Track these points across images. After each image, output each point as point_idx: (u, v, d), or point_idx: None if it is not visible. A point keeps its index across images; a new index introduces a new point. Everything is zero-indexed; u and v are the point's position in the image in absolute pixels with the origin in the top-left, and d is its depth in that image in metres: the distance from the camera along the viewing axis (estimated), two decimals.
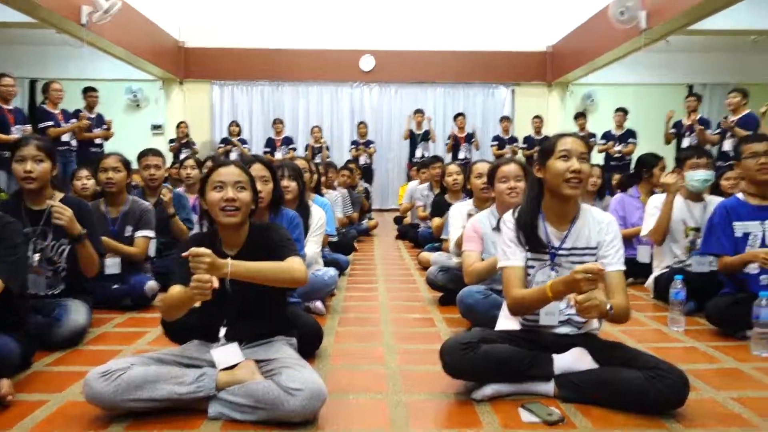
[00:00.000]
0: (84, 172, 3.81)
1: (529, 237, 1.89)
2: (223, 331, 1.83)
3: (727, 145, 6.05)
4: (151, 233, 3.17)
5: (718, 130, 6.38)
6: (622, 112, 7.82)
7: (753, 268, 2.54)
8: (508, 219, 1.96)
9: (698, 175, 3.06)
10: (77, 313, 2.41)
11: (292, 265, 1.79)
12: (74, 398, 1.82)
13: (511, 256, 1.90)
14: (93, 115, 7.02)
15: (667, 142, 7.09)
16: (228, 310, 1.83)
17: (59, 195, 2.52)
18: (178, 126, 8.78)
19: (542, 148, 1.92)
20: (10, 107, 5.63)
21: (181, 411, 1.67)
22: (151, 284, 3.02)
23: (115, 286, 3.02)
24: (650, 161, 3.99)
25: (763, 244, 2.55)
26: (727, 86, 10.16)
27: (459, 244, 2.86)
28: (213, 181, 1.83)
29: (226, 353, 1.77)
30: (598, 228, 1.90)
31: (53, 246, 2.51)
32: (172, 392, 1.64)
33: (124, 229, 3.13)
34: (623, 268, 1.89)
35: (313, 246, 3.03)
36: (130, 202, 3.17)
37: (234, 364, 1.74)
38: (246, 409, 1.63)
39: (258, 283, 1.74)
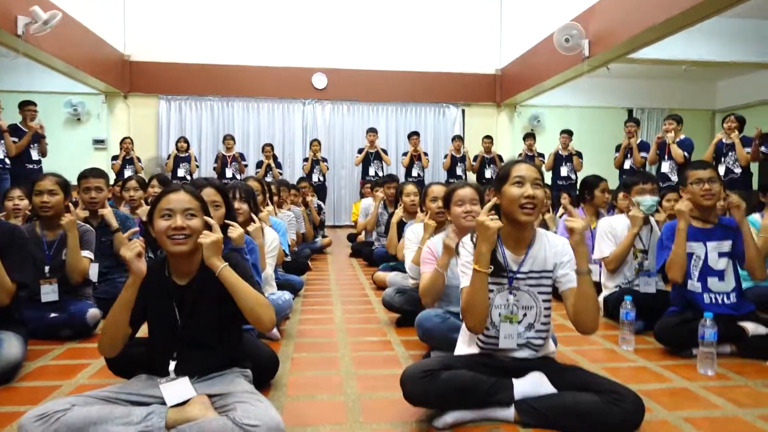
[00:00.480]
0: (17, 192, 3.55)
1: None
2: (172, 365, 1.73)
3: (666, 167, 6.38)
4: (90, 254, 2.99)
5: (644, 155, 6.80)
6: (567, 134, 8.12)
7: (697, 287, 2.65)
8: (467, 242, 1.96)
9: (646, 201, 3.18)
10: (9, 346, 2.23)
11: (267, 306, 1.74)
12: None
13: (468, 279, 1.90)
14: (26, 130, 6.64)
15: (618, 166, 7.36)
16: (178, 343, 1.74)
17: None
18: (122, 142, 8.44)
19: (498, 174, 1.94)
20: None
21: None
22: (93, 312, 2.85)
23: (53, 315, 2.83)
24: (593, 182, 4.13)
25: (705, 264, 2.66)
26: (663, 111, 10.84)
27: (416, 261, 2.88)
28: (161, 209, 1.73)
29: (176, 389, 1.67)
30: (554, 251, 1.94)
31: None
32: None
33: (61, 253, 2.95)
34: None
35: (267, 268, 2.96)
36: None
37: (185, 401, 1.64)
38: None
39: (234, 296, 1.70)
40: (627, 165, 7.06)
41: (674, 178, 6.22)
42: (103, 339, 1.73)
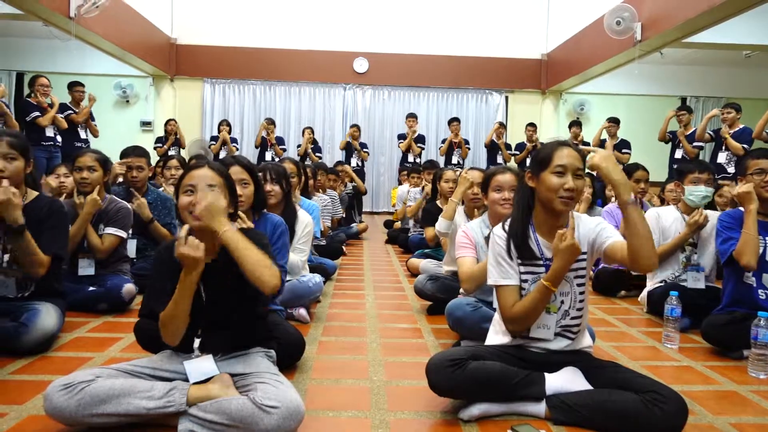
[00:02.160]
0: (62, 169, 3.65)
1: (520, 247, 1.81)
2: (197, 342, 1.72)
3: (722, 158, 6.04)
4: (120, 232, 3.03)
5: (710, 132, 6.41)
6: (614, 122, 7.80)
7: (751, 280, 2.47)
8: (499, 233, 1.87)
9: (698, 191, 2.99)
10: (47, 317, 2.28)
11: (270, 268, 1.65)
12: (36, 412, 1.70)
13: (504, 274, 1.82)
14: (75, 110, 6.86)
15: (661, 138, 7.09)
16: (203, 321, 1.72)
17: (33, 194, 2.39)
18: (166, 123, 8.62)
19: (537, 157, 1.82)
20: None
21: (148, 427, 1.57)
22: (129, 287, 2.90)
23: (91, 289, 2.90)
24: (628, 170, 3.94)
25: (763, 260, 2.48)
26: (719, 100, 10.29)
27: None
28: (184, 185, 1.72)
29: (200, 366, 1.66)
30: (586, 231, 1.83)
31: None
32: (140, 407, 1.53)
33: (97, 228, 3.00)
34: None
35: (298, 255, 2.92)
36: (107, 201, 3.04)
37: (208, 378, 1.64)
38: (218, 426, 1.52)
39: (236, 258, 1.63)
40: (678, 155, 6.72)
41: (731, 170, 5.88)
42: (165, 332, 1.68)
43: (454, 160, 8.55)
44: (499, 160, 8.66)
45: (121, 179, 3.65)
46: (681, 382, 2.13)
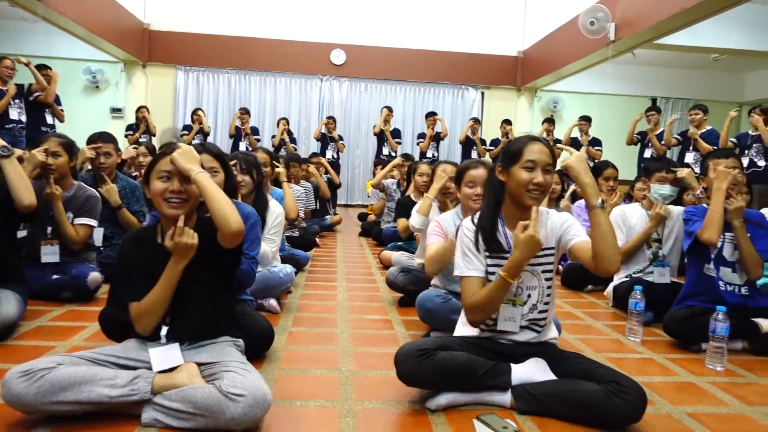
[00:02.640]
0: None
1: (488, 239, 1.83)
2: (164, 330, 1.69)
3: (690, 158, 6.20)
4: (92, 222, 2.97)
5: (677, 136, 6.57)
6: (586, 120, 7.91)
7: (711, 270, 2.55)
8: (467, 225, 1.89)
9: (664, 190, 3.08)
10: (7, 304, 2.23)
11: (234, 213, 1.64)
12: None
13: (469, 266, 1.84)
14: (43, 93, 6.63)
15: (629, 142, 7.23)
16: (170, 309, 1.70)
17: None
18: (137, 110, 8.42)
19: (508, 151, 1.84)
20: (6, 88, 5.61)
21: (111, 416, 1.54)
22: (94, 275, 2.84)
23: (55, 276, 2.83)
24: (597, 168, 4.02)
25: (720, 254, 2.56)
26: (688, 101, 10.54)
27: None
28: (158, 170, 1.69)
29: (165, 354, 1.64)
30: (553, 227, 1.87)
31: None
32: (102, 395, 1.50)
33: (66, 216, 2.92)
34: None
35: (268, 245, 2.89)
36: (75, 188, 2.96)
37: (173, 367, 1.61)
38: (183, 415, 1.50)
39: (205, 200, 1.63)
40: (648, 154, 6.87)
41: (698, 170, 6.03)
42: (141, 322, 1.69)
43: (429, 153, 8.58)
44: (474, 155, 8.72)
45: (89, 166, 3.56)
46: (642, 373, 2.19)
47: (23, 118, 6.17)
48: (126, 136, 8.22)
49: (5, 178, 2.25)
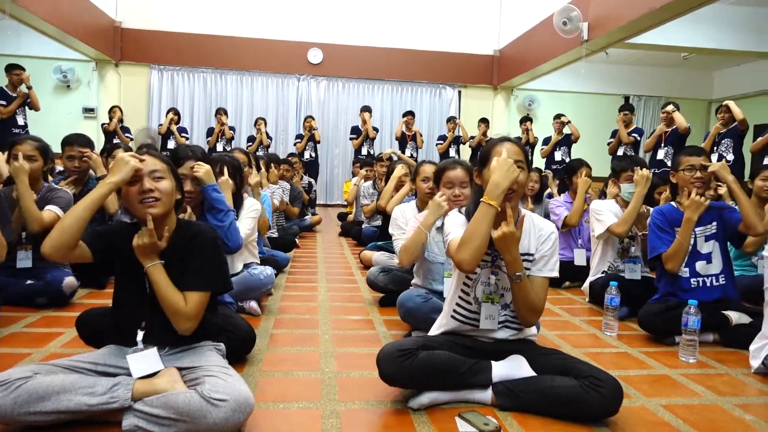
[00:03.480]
0: None
1: None
2: (140, 335, 1.68)
3: (661, 154, 6.34)
4: (58, 210, 2.82)
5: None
6: (560, 118, 7.99)
7: (683, 272, 2.63)
8: (454, 213, 1.93)
9: (632, 188, 3.14)
10: None
11: (185, 309, 1.66)
12: None
13: (458, 230, 1.83)
14: (14, 95, 6.48)
15: (611, 153, 7.29)
16: (147, 311, 1.68)
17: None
18: (110, 110, 8.27)
19: (480, 154, 1.87)
20: None
21: (92, 424, 1.52)
22: (69, 280, 2.79)
23: (29, 282, 2.77)
24: (573, 167, 4.07)
25: (694, 249, 2.64)
26: (660, 99, 10.78)
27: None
28: None
29: (144, 360, 1.62)
30: (538, 235, 1.89)
31: None
32: (81, 403, 1.48)
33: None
34: (552, 275, 1.88)
35: (245, 228, 2.82)
36: (45, 190, 2.90)
37: (153, 373, 1.60)
38: (165, 421, 1.49)
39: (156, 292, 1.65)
40: (621, 152, 6.99)
41: (670, 164, 6.18)
42: (52, 232, 1.62)
43: (408, 152, 8.60)
44: (452, 153, 8.78)
45: (60, 168, 3.49)
46: (618, 367, 2.24)
47: None
48: (103, 125, 8.13)
49: None
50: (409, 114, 8.74)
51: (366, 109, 8.69)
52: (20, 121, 6.48)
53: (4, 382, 1.45)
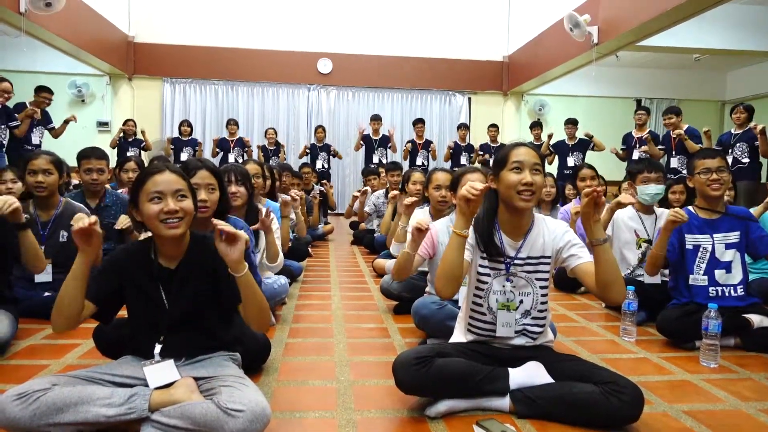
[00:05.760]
0: (9, 174, 3.44)
1: (486, 244, 1.85)
2: (158, 348, 1.68)
3: (675, 162, 6.28)
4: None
5: (662, 146, 6.61)
6: (572, 123, 7.96)
7: (701, 280, 2.59)
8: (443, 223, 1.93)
9: (649, 189, 3.12)
10: None
11: (268, 311, 1.73)
12: None
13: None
14: (38, 117, 6.54)
15: (623, 160, 7.23)
16: (164, 324, 1.69)
17: None
18: (125, 123, 8.37)
19: (496, 158, 1.88)
20: None
21: None
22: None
23: (47, 294, 2.80)
24: (575, 170, 4.08)
25: (712, 257, 2.59)
26: (672, 101, 10.69)
27: (399, 239, 2.95)
28: (148, 192, 1.65)
29: (160, 371, 1.62)
30: (553, 237, 1.88)
31: None
32: (99, 415, 1.48)
33: (58, 234, 2.91)
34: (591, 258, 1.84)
35: (280, 253, 2.94)
36: (63, 205, 2.93)
37: (169, 383, 1.60)
38: (182, 431, 1.49)
39: (245, 300, 1.66)
40: (636, 155, 6.93)
41: (685, 172, 6.11)
42: (54, 312, 1.64)
43: (419, 161, 8.61)
44: (463, 161, 8.77)
45: (76, 181, 3.53)
46: (638, 373, 2.21)
47: (4, 138, 6.10)
48: (111, 143, 8.20)
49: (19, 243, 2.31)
50: (419, 122, 8.75)
51: (376, 118, 8.72)
52: (35, 139, 6.54)
53: (23, 394, 1.46)
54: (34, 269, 2.43)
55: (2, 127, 5.98)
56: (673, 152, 6.32)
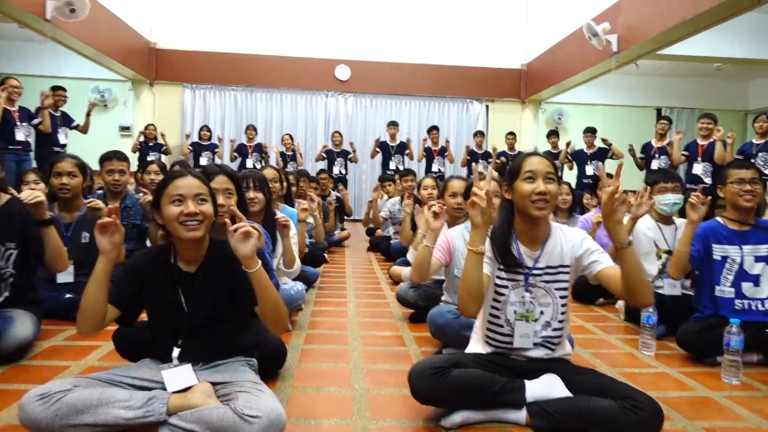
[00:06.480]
0: (32, 176, 3.49)
1: (504, 255, 1.84)
2: (176, 352, 1.70)
3: (698, 169, 6.19)
4: None
5: (685, 152, 6.53)
6: (591, 132, 7.89)
7: (728, 292, 2.54)
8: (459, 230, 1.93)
9: (667, 199, 3.08)
10: (22, 325, 2.24)
11: (285, 312, 1.73)
12: (10, 421, 1.66)
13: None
14: (57, 114, 6.72)
15: (640, 168, 7.16)
16: (183, 328, 1.71)
17: (5, 197, 2.35)
18: (146, 128, 8.51)
19: (509, 169, 1.87)
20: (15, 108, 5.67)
21: None
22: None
23: (68, 296, 2.85)
24: (595, 181, 4.03)
25: (741, 269, 2.54)
26: (693, 111, 10.54)
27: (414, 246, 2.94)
28: (170, 195, 1.68)
29: (178, 375, 1.64)
30: (571, 245, 1.86)
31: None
32: (118, 417, 1.51)
33: (80, 236, 2.96)
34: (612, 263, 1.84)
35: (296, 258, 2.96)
36: (85, 207, 2.99)
37: (188, 387, 1.62)
38: None
39: (260, 299, 1.66)
40: (655, 165, 6.84)
41: (708, 180, 6.05)
42: (79, 315, 1.67)
43: (435, 167, 8.60)
44: (480, 168, 8.73)
45: (100, 183, 3.60)
46: (657, 388, 2.17)
47: (30, 140, 6.24)
48: (132, 148, 8.32)
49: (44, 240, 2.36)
50: (434, 129, 8.76)
51: (392, 124, 8.74)
52: (62, 140, 6.71)
53: (45, 394, 1.48)
54: (57, 268, 2.47)
55: (26, 125, 6.13)
56: (699, 158, 6.22)
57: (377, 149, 8.69)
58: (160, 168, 4.42)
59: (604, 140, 7.63)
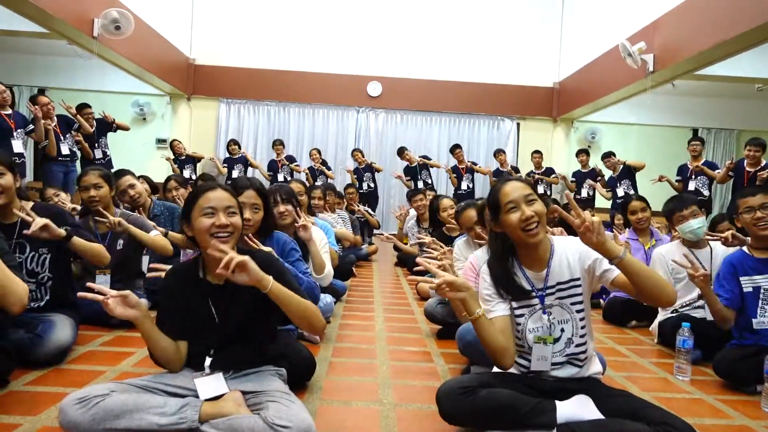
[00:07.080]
0: (51, 190, 3.60)
1: (509, 290, 1.83)
2: (208, 361, 1.73)
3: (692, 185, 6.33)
4: (156, 230, 3.16)
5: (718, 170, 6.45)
6: (608, 156, 7.65)
7: (764, 323, 2.45)
8: (485, 272, 1.90)
9: (689, 227, 3.02)
10: (62, 329, 2.32)
11: (316, 314, 1.74)
12: (49, 423, 1.72)
13: (491, 309, 1.82)
14: (92, 130, 6.90)
15: (678, 191, 7.00)
16: (215, 339, 1.75)
17: (28, 204, 2.44)
18: (171, 143, 8.75)
19: (490, 205, 1.85)
20: (9, 112, 5.52)
21: None
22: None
23: None
24: (623, 205, 3.96)
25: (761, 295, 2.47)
26: (731, 132, 10.27)
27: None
28: (201, 207, 1.72)
29: (210, 384, 1.68)
30: (577, 256, 1.83)
31: (33, 257, 2.44)
32: (153, 423, 1.54)
33: (116, 244, 3.06)
34: None
35: (328, 266, 3.02)
36: (118, 216, 3.08)
37: (219, 395, 1.65)
38: None
39: (285, 309, 1.68)
40: (692, 186, 6.69)
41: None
42: (155, 361, 1.77)
43: (464, 185, 8.58)
44: (465, 185, 8.72)
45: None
46: (693, 414, 2.11)
47: (76, 152, 6.49)
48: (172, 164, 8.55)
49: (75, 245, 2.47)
50: (457, 147, 8.77)
51: (401, 151, 8.85)
52: (98, 154, 6.91)
53: (83, 398, 1.53)
54: (100, 263, 2.63)
55: (68, 136, 6.35)
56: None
57: (405, 176, 8.72)
58: (177, 182, 4.56)
59: (619, 162, 7.45)
